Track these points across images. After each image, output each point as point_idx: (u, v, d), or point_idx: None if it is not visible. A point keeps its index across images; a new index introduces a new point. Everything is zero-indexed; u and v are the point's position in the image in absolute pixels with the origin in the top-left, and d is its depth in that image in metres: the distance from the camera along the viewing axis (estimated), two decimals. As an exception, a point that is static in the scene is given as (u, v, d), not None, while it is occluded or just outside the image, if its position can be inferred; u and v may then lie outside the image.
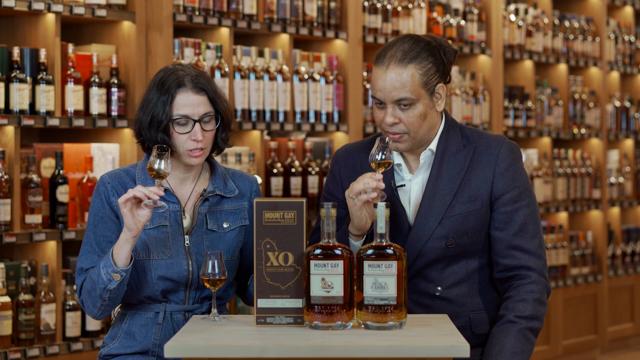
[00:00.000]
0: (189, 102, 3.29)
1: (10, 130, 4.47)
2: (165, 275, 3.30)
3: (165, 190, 3.34)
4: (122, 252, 3.20)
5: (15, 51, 4.47)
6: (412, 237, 3.31)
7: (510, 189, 3.32)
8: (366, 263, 2.89)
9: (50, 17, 4.57)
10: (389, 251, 2.89)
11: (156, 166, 3.16)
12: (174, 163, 3.36)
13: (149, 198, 3.13)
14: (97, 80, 4.69)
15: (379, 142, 3.16)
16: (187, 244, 3.33)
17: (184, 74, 3.32)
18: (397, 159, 3.37)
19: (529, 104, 6.90)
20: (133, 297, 3.34)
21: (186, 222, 3.36)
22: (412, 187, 3.36)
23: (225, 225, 3.39)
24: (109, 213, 3.33)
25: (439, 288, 3.33)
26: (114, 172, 3.39)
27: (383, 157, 3.14)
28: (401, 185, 3.35)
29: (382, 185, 3.13)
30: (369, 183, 3.12)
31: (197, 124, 3.29)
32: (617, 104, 7.77)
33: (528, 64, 7.02)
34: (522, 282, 3.29)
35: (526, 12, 6.94)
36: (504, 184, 3.32)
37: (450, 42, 6.37)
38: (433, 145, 3.35)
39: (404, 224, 3.33)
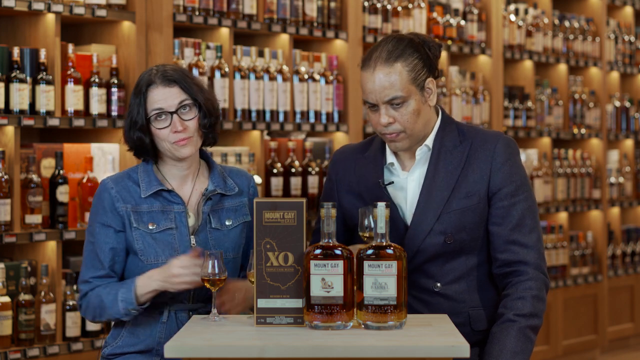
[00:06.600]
0: (161, 96, 3.30)
1: (10, 130, 4.47)
2: None
3: (170, 191, 3.34)
4: (148, 294, 3.24)
5: (15, 51, 4.47)
6: (410, 233, 3.31)
7: (507, 183, 3.33)
8: (366, 263, 2.89)
9: (50, 17, 4.57)
10: (389, 251, 2.89)
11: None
12: (169, 162, 3.37)
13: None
14: (97, 80, 4.68)
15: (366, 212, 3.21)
16: (194, 244, 3.33)
17: (156, 72, 3.33)
18: (390, 158, 3.38)
19: (529, 104, 6.89)
20: None
21: (191, 222, 3.36)
22: (409, 184, 3.36)
23: (228, 223, 3.39)
24: (114, 220, 3.31)
25: (438, 284, 3.33)
26: (116, 177, 3.37)
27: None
28: (389, 183, 3.35)
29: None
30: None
31: (175, 115, 3.29)
32: (617, 104, 7.77)
33: (528, 64, 7.02)
34: (520, 279, 3.29)
35: (526, 12, 6.94)
36: (500, 178, 3.32)
37: (450, 42, 6.40)
38: (429, 141, 3.35)
39: (398, 222, 3.33)
